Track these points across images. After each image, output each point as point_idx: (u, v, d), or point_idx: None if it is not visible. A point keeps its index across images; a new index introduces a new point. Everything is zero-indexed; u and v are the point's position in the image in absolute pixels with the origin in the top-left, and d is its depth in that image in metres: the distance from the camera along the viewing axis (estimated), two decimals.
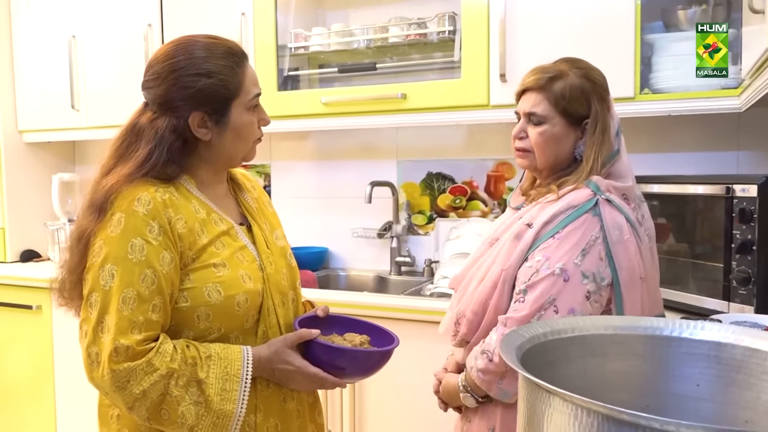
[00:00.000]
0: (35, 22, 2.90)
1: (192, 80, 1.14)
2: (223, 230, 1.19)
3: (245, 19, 2.43)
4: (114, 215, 1.10)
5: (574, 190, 1.25)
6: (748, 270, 1.59)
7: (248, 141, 1.22)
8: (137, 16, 2.65)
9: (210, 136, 1.17)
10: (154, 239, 1.09)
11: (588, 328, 0.81)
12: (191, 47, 1.16)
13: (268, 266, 1.22)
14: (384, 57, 2.53)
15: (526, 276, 1.22)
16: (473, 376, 1.25)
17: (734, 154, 2.10)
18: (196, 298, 1.12)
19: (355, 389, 2.06)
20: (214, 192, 1.24)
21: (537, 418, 0.62)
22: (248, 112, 1.19)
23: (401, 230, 2.58)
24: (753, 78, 1.44)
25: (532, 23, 2.02)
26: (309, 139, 2.79)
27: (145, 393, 1.05)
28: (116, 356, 1.05)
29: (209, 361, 1.10)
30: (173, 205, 1.13)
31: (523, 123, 1.34)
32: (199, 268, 1.14)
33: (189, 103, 1.14)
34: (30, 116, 2.95)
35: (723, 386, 0.78)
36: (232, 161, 1.24)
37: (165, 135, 1.14)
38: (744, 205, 1.58)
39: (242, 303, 1.16)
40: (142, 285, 1.07)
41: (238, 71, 1.17)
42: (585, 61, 1.34)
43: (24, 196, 2.99)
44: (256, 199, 1.34)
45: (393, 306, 2.03)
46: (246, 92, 1.18)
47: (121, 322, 1.06)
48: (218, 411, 1.08)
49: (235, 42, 1.22)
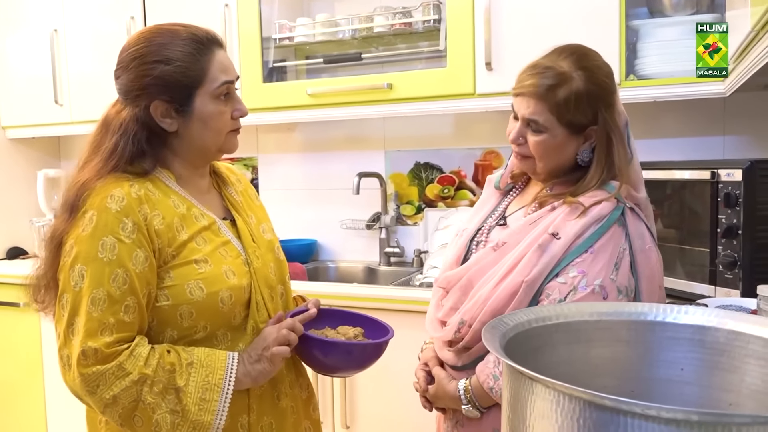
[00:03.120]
0: (16, 16, 2.86)
1: (150, 67, 1.10)
2: (204, 225, 1.15)
3: (229, 10, 2.41)
4: (86, 213, 1.07)
5: (599, 199, 1.18)
6: (733, 254, 1.59)
7: (219, 132, 1.16)
8: (119, 8, 2.62)
9: (176, 127, 1.13)
10: (126, 237, 1.05)
11: (573, 314, 0.81)
12: (153, 34, 1.13)
13: (254, 260, 1.18)
14: (370, 47, 2.51)
15: (561, 293, 1.14)
16: (496, 397, 1.17)
17: (720, 139, 2.11)
18: (177, 296, 1.09)
19: (346, 380, 2.06)
20: (195, 186, 1.20)
21: (520, 405, 0.62)
22: (215, 101, 1.13)
23: (390, 221, 2.58)
24: (737, 62, 1.44)
25: (517, 11, 2.02)
26: (296, 131, 2.77)
27: (116, 398, 1.02)
28: (85, 360, 1.02)
29: (190, 368, 1.05)
30: (149, 201, 1.09)
31: (521, 127, 1.22)
32: (179, 264, 1.10)
33: (149, 92, 1.10)
34: (13, 112, 2.92)
35: (707, 370, 0.78)
36: (206, 154, 1.19)
37: (129, 126, 1.10)
38: (729, 190, 1.59)
39: (226, 299, 1.12)
40: (113, 285, 1.03)
41: (201, 58, 1.11)
42: (591, 55, 1.22)
43: (9, 193, 2.96)
44: (242, 193, 1.30)
45: (383, 297, 2.02)
46: (212, 80, 1.12)
47: (90, 324, 1.02)
48: (195, 422, 1.04)
49: (206, 29, 1.16)
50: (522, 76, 1.22)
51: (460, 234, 1.36)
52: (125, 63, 1.13)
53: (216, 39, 1.16)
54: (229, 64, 1.17)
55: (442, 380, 1.27)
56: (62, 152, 3.27)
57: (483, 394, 1.19)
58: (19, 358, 2.71)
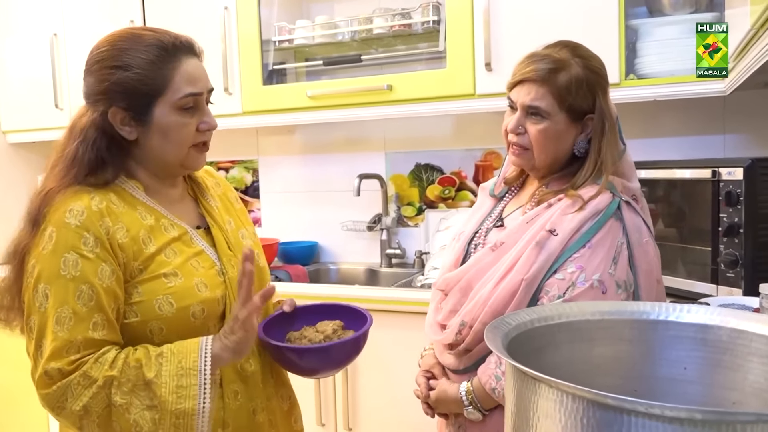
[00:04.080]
0: (16, 20, 2.86)
1: (108, 72, 1.06)
2: (174, 236, 1.10)
3: (228, 13, 2.41)
4: (46, 230, 1.03)
5: (594, 194, 1.18)
6: (735, 253, 1.59)
7: (180, 144, 1.09)
8: (119, 12, 2.62)
9: (135, 135, 1.08)
10: (89, 252, 1.01)
11: (575, 314, 0.81)
12: (118, 38, 1.09)
13: (229, 270, 1.13)
14: (369, 49, 2.51)
15: (560, 289, 1.14)
16: (498, 398, 1.16)
17: (720, 137, 2.11)
18: (146, 312, 1.04)
19: (348, 382, 2.06)
20: (165, 196, 1.15)
21: (524, 405, 0.62)
22: (177, 113, 1.07)
23: (391, 222, 2.58)
24: (736, 61, 1.44)
25: (516, 11, 2.02)
26: (296, 133, 2.78)
27: (87, 408, 0.98)
28: (49, 380, 0.99)
29: (160, 358, 1.00)
30: (111, 214, 1.05)
31: (520, 116, 1.22)
32: (147, 279, 1.05)
33: (107, 97, 1.06)
34: (13, 116, 2.92)
35: (710, 368, 0.78)
36: (167, 167, 1.13)
37: (89, 131, 1.07)
38: (730, 189, 1.59)
39: (198, 314, 1.07)
40: (78, 302, 1.00)
41: (164, 66, 1.06)
42: (583, 47, 1.24)
43: (8, 197, 2.95)
44: (220, 197, 1.25)
45: (384, 298, 2.02)
46: (174, 90, 1.06)
47: (56, 344, 0.99)
48: (176, 411, 0.98)
49: (178, 35, 1.10)
50: (520, 65, 1.24)
51: (457, 238, 1.36)
52: (88, 65, 1.10)
53: (186, 47, 1.10)
54: (199, 75, 1.10)
55: (443, 384, 1.27)
56: None
57: (485, 396, 1.19)
58: (20, 364, 2.70)
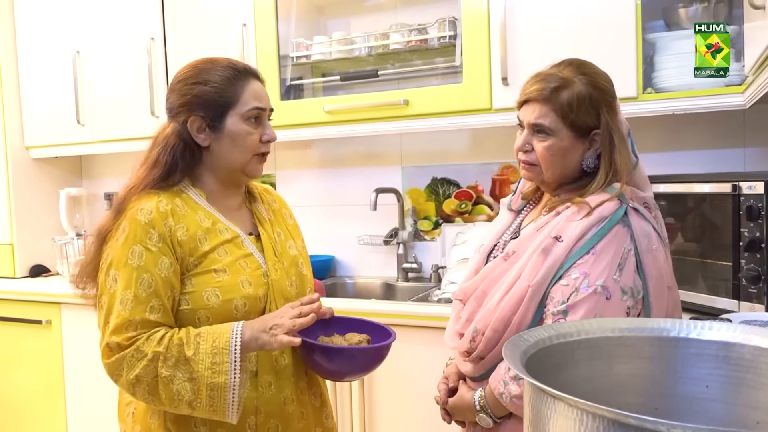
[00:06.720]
0: (40, 39, 2.93)
1: (190, 87, 1.26)
2: (226, 239, 1.26)
3: (246, 30, 2.44)
4: (121, 224, 1.21)
5: (601, 201, 1.19)
6: (757, 268, 1.57)
7: (245, 151, 1.27)
8: (140, 30, 2.67)
9: (208, 142, 1.27)
10: (153, 246, 1.19)
11: (594, 330, 0.80)
12: (198, 62, 1.29)
13: (272, 273, 1.28)
14: (386, 64, 2.53)
15: (563, 295, 1.15)
16: (505, 402, 1.18)
17: (741, 151, 2.09)
18: (196, 301, 1.21)
19: (364, 393, 2.05)
20: (224, 204, 1.32)
21: (542, 423, 0.61)
22: (245, 122, 1.26)
23: (407, 236, 2.58)
24: (756, 74, 1.43)
25: (533, 26, 2.02)
26: (313, 148, 2.79)
27: (138, 378, 1.15)
28: (109, 351, 1.17)
29: (198, 338, 1.16)
30: (175, 215, 1.22)
31: (527, 135, 1.27)
32: (200, 273, 1.22)
33: (187, 108, 1.25)
34: (36, 132, 2.97)
35: (733, 387, 0.76)
36: (232, 172, 1.30)
37: (170, 139, 1.25)
38: (751, 203, 1.57)
39: (240, 307, 1.23)
40: (140, 288, 1.17)
41: (237, 83, 1.26)
42: (589, 64, 1.27)
43: (32, 212, 3.01)
44: (276, 211, 1.42)
45: (401, 313, 2.02)
46: (243, 103, 1.26)
47: (118, 321, 1.16)
48: (210, 384, 1.14)
49: (247, 64, 1.32)
50: (526, 85, 1.28)
51: (478, 250, 1.40)
52: (172, 85, 1.30)
53: (253, 72, 1.30)
54: (263, 94, 1.30)
55: (462, 390, 1.31)
56: (84, 171, 3.32)
57: (495, 402, 1.21)
58: (41, 375, 2.73)
